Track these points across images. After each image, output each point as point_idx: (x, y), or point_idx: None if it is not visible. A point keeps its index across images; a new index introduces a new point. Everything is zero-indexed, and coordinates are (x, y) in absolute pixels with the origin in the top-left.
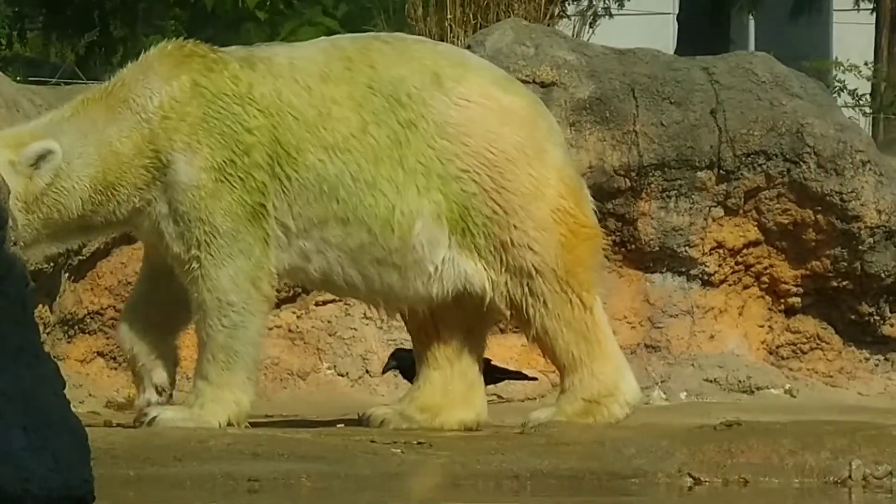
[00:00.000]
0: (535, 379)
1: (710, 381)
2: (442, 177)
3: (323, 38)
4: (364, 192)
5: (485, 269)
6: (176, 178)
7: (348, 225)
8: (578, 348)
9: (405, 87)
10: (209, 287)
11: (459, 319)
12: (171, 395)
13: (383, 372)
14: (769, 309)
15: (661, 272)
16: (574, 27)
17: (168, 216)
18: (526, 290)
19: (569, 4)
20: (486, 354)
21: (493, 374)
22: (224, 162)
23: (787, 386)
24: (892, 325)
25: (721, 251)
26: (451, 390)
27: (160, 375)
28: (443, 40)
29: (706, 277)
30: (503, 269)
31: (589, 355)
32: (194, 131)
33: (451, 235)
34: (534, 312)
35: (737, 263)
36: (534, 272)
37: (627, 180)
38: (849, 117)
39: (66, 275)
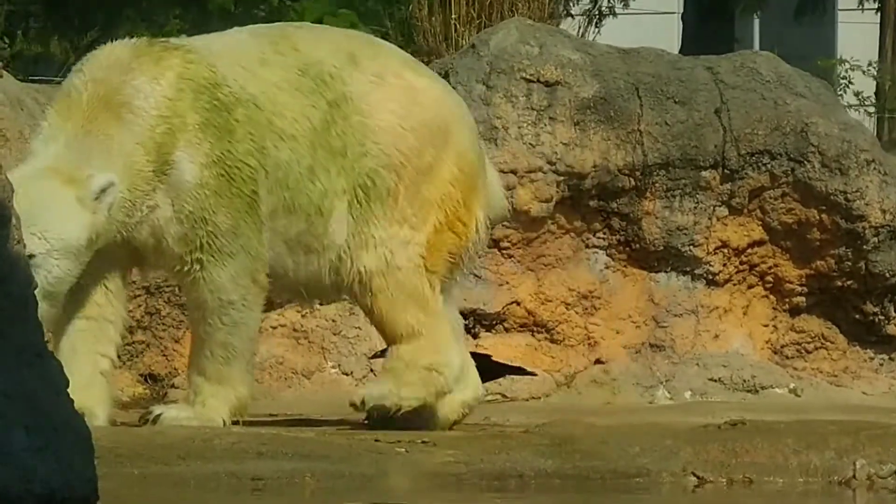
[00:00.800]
0: (534, 374)
1: (715, 381)
2: (357, 154)
3: (237, 28)
4: (306, 178)
5: (367, 238)
6: (181, 177)
7: (292, 214)
8: (418, 320)
9: (327, 67)
10: (211, 288)
11: None
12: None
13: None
14: (774, 308)
15: (666, 271)
16: (579, 27)
17: (172, 219)
18: (391, 258)
19: (574, 4)
20: (489, 352)
21: (493, 369)
22: (222, 154)
23: (792, 385)
24: None
25: (725, 250)
26: None
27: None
28: (447, 39)
29: (711, 277)
30: (379, 237)
31: (427, 328)
32: (192, 128)
33: (351, 209)
34: (387, 282)
35: (741, 263)
36: (404, 245)
37: (632, 179)
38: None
39: None
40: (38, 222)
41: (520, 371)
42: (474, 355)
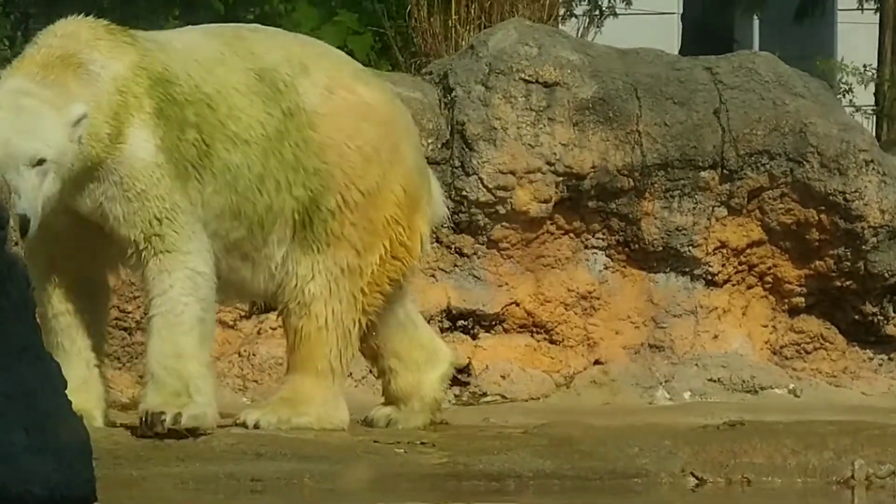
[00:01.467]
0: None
1: (714, 381)
2: (306, 170)
3: (189, 26)
4: (255, 186)
5: (312, 261)
6: (135, 154)
7: (237, 218)
8: (337, 360)
9: (280, 75)
10: (182, 258)
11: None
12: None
13: None
14: (773, 309)
15: (665, 272)
16: (579, 27)
17: (116, 197)
18: (335, 288)
19: (576, 4)
20: (489, 353)
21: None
22: (172, 146)
23: (791, 386)
24: (895, 325)
25: (724, 251)
26: (415, 360)
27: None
28: (447, 40)
29: (710, 277)
30: (324, 262)
31: (339, 369)
32: (149, 111)
33: (296, 230)
34: (325, 311)
35: (740, 263)
36: (346, 271)
37: (631, 180)
38: (853, 115)
39: None
40: (41, 132)
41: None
42: None
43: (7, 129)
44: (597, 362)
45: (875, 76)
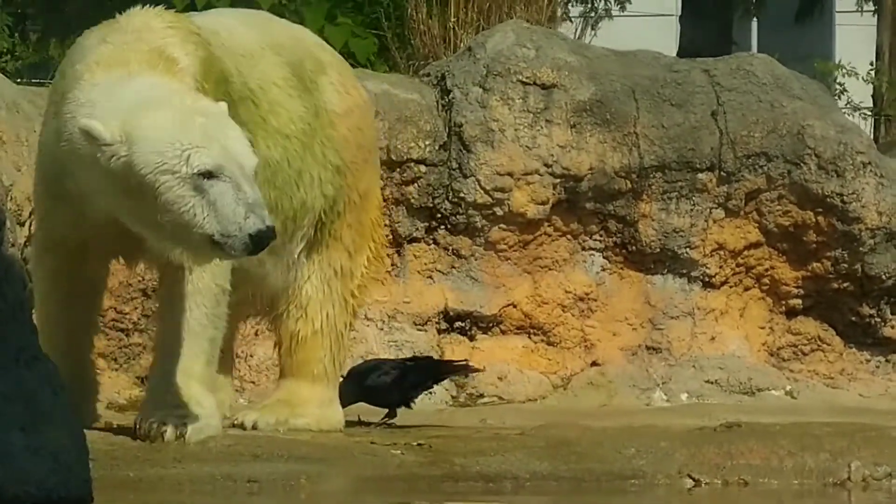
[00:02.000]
0: (482, 370)
1: (711, 383)
2: (332, 168)
3: (226, 10)
4: (293, 180)
5: (311, 261)
6: None
7: (272, 213)
8: (332, 364)
9: (306, 72)
10: (213, 273)
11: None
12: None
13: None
14: (770, 310)
15: (662, 274)
16: (576, 29)
17: None
18: (328, 291)
19: (572, 6)
20: (486, 354)
21: (440, 370)
22: None
23: (788, 387)
24: (892, 327)
25: (722, 253)
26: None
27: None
28: (445, 42)
29: (707, 279)
30: (319, 262)
31: (333, 373)
32: None
33: (316, 229)
34: (320, 314)
35: (738, 265)
36: (339, 273)
37: (628, 182)
38: (851, 117)
39: None
40: (245, 139)
41: (467, 369)
42: (417, 359)
43: (221, 136)
44: (594, 364)
45: (873, 77)
